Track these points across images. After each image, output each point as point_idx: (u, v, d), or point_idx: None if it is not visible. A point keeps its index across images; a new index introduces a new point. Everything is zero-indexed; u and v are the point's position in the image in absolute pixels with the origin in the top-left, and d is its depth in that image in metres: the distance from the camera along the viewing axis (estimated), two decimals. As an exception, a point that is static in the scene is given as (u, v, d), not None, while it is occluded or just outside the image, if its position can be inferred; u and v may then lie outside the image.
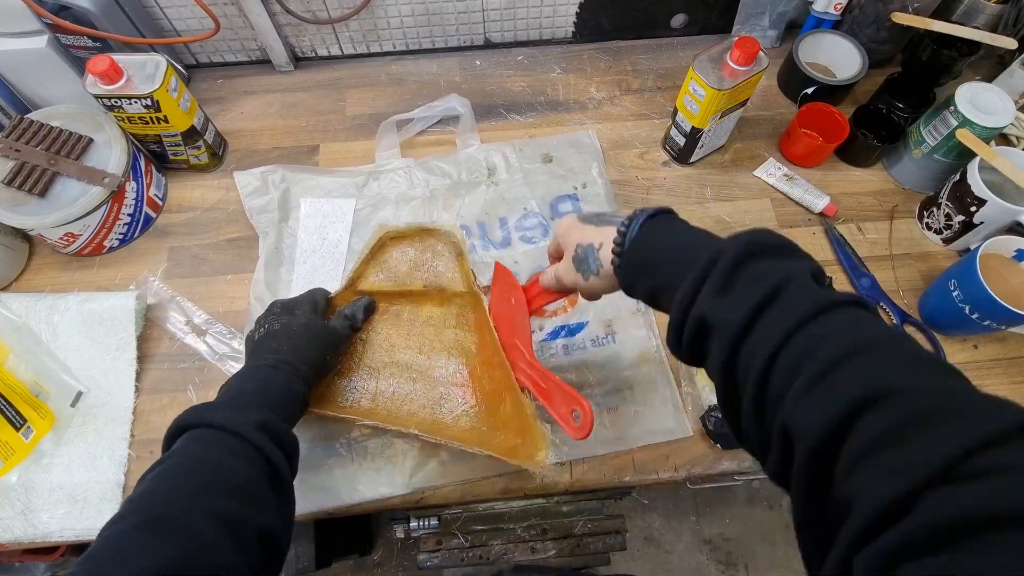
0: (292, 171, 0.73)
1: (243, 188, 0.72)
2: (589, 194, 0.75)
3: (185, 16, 0.78)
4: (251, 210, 0.71)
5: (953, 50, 0.74)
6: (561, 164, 0.77)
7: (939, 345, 0.66)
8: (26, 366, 0.61)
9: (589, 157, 0.78)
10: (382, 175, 0.75)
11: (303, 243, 0.70)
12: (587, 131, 0.80)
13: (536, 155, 0.77)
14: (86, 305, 0.65)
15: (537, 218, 0.73)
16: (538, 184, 0.75)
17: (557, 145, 0.78)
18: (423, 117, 0.77)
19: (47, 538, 0.57)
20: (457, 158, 0.76)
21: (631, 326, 0.66)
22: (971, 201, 0.65)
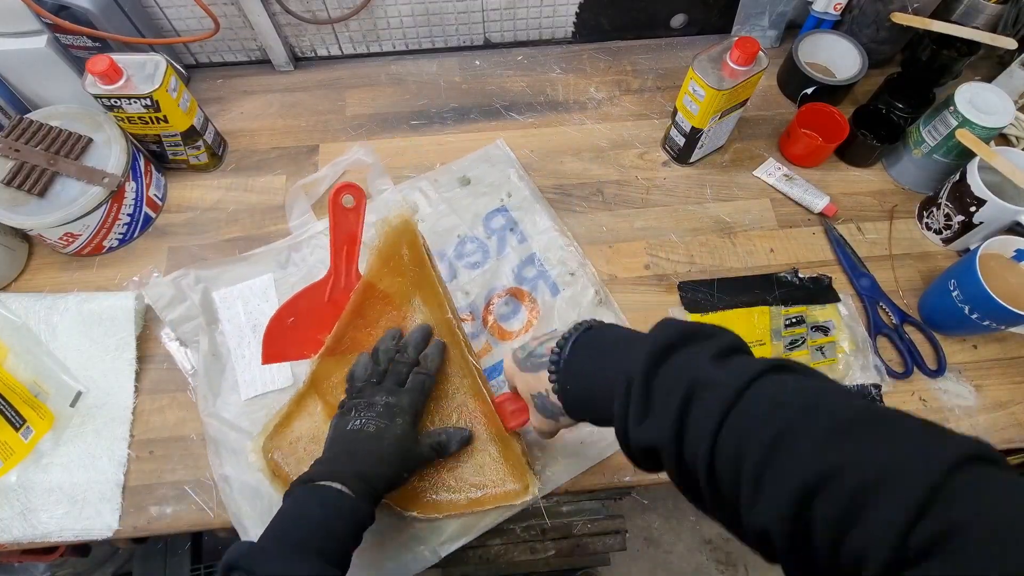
0: (206, 269, 0.67)
1: (156, 302, 0.64)
2: (516, 201, 0.74)
3: (185, 16, 0.78)
4: (171, 324, 0.64)
5: (953, 50, 0.74)
6: (480, 182, 0.75)
7: (938, 345, 0.66)
8: (25, 366, 0.61)
9: (504, 166, 0.76)
10: (303, 244, 0.70)
11: (231, 337, 0.64)
12: (495, 143, 0.78)
13: (453, 182, 0.75)
14: (85, 305, 0.65)
15: (475, 242, 0.71)
16: (464, 208, 0.73)
17: (470, 165, 0.77)
18: (331, 174, 0.73)
19: (46, 538, 0.57)
20: (376, 206, 0.72)
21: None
22: (971, 201, 0.65)
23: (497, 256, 0.70)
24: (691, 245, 0.73)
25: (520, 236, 0.72)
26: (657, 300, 0.69)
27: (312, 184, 0.72)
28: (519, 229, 0.72)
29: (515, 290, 0.68)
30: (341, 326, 0.62)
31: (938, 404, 0.64)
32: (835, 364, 0.65)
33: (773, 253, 0.72)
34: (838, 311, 0.68)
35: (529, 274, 0.69)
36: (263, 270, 0.68)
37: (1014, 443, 0.62)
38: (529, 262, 0.70)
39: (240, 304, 0.66)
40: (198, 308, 0.64)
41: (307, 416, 0.59)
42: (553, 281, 0.69)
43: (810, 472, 0.27)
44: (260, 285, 0.67)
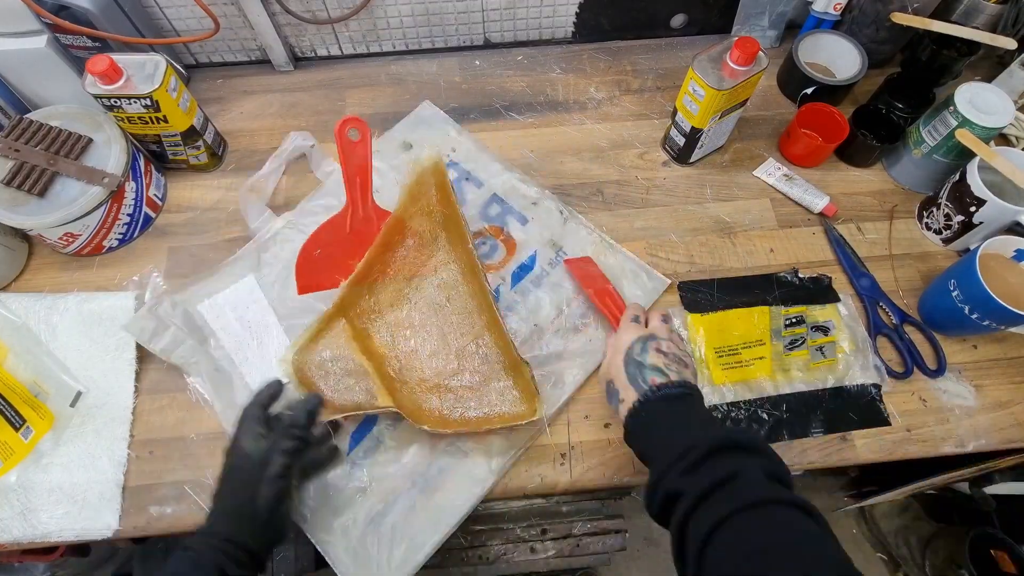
0: (178, 292, 0.65)
1: (140, 337, 0.61)
2: (462, 154, 0.77)
3: (184, 16, 0.78)
4: (163, 354, 0.61)
5: (952, 50, 0.74)
6: (421, 144, 0.77)
7: (938, 345, 0.66)
8: (25, 366, 0.61)
9: (442, 124, 0.79)
10: (270, 243, 0.69)
11: (229, 345, 0.64)
12: (422, 104, 0.81)
13: (396, 149, 0.77)
14: (85, 305, 0.65)
15: None
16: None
17: (406, 130, 0.79)
18: (274, 168, 0.70)
19: (46, 538, 0.57)
20: (329, 187, 0.73)
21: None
22: (970, 201, 0.65)
23: (461, 205, 0.71)
24: (691, 245, 0.73)
25: (476, 182, 0.75)
26: (657, 300, 0.69)
27: (259, 183, 0.70)
28: (474, 176, 0.75)
29: (490, 228, 0.72)
30: (370, 257, 0.64)
31: (938, 404, 0.64)
32: (835, 364, 0.65)
33: (773, 253, 0.72)
34: (838, 311, 0.68)
35: (494, 212, 0.73)
36: (241, 274, 0.67)
37: (1014, 443, 0.62)
38: (492, 202, 0.74)
39: (230, 311, 0.65)
40: (184, 331, 0.62)
41: (333, 336, 0.62)
42: (519, 213, 0.73)
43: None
44: (245, 287, 0.67)
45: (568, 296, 0.68)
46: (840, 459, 0.61)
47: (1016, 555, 0.97)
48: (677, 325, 0.67)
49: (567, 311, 0.67)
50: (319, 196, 0.73)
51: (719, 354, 0.65)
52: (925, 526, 1.19)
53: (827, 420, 0.63)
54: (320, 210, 0.71)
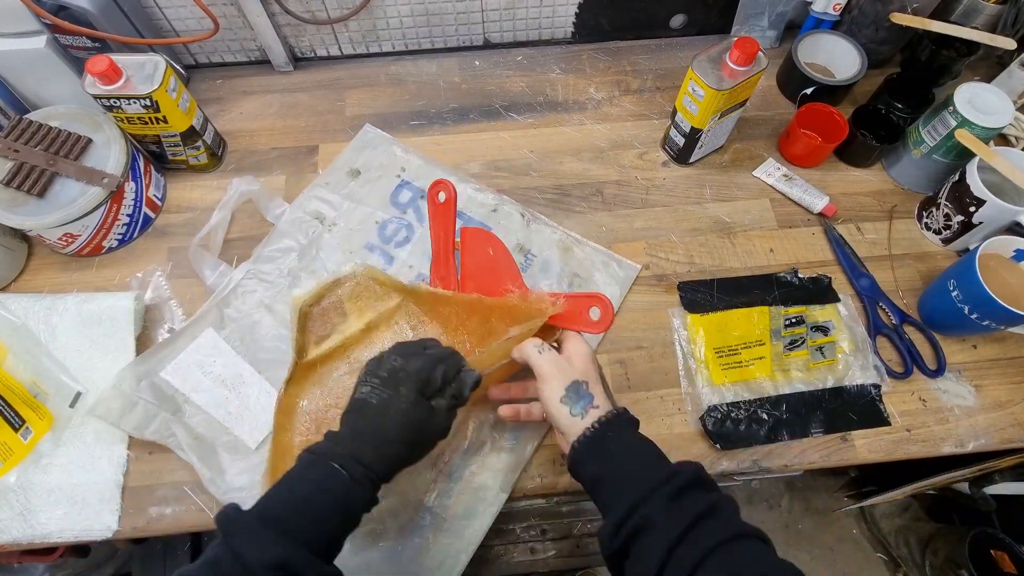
0: (140, 364, 0.61)
1: (107, 417, 0.59)
2: (412, 172, 0.76)
3: (184, 16, 0.78)
4: (137, 431, 0.59)
5: (952, 50, 0.74)
6: (369, 168, 0.76)
7: (938, 345, 0.66)
8: (25, 367, 0.61)
9: (386, 146, 0.78)
10: (231, 298, 0.66)
11: (207, 405, 0.61)
12: (363, 128, 0.79)
13: (344, 178, 0.75)
14: (85, 306, 0.64)
15: (393, 222, 0.72)
16: (367, 196, 0.74)
17: (351, 157, 0.77)
18: (221, 219, 0.69)
19: (46, 539, 0.57)
20: (282, 230, 0.70)
21: None
22: (970, 201, 0.65)
23: (420, 224, 0.72)
24: (691, 245, 0.73)
25: None
26: (657, 300, 0.69)
27: (208, 237, 0.68)
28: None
29: (456, 244, 0.68)
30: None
31: (938, 404, 0.64)
32: (835, 364, 0.65)
33: (773, 253, 0.72)
34: (838, 311, 0.68)
35: (456, 225, 0.70)
36: (200, 334, 0.64)
37: (1014, 443, 0.62)
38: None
39: (196, 369, 0.62)
40: (154, 404, 0.60)
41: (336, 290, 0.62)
42: (480, 222, 0.72)
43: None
44: (207, 342, 0.63)
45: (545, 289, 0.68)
46: (840, 459, 0.61)
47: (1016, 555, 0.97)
48: (677, 325, 0.67)
49: None
50: (274, 240, 0.70)
51: (719, 354, 0.65)
52: (925, 526, 1.19)
53: (827, 420, 0.63)
54: (278, 255, 0.69)
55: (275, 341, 0.65)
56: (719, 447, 0.61)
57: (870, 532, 1.28)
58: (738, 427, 0.62)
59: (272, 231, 0.71)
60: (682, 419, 0.63)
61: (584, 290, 0.68)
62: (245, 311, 0.66)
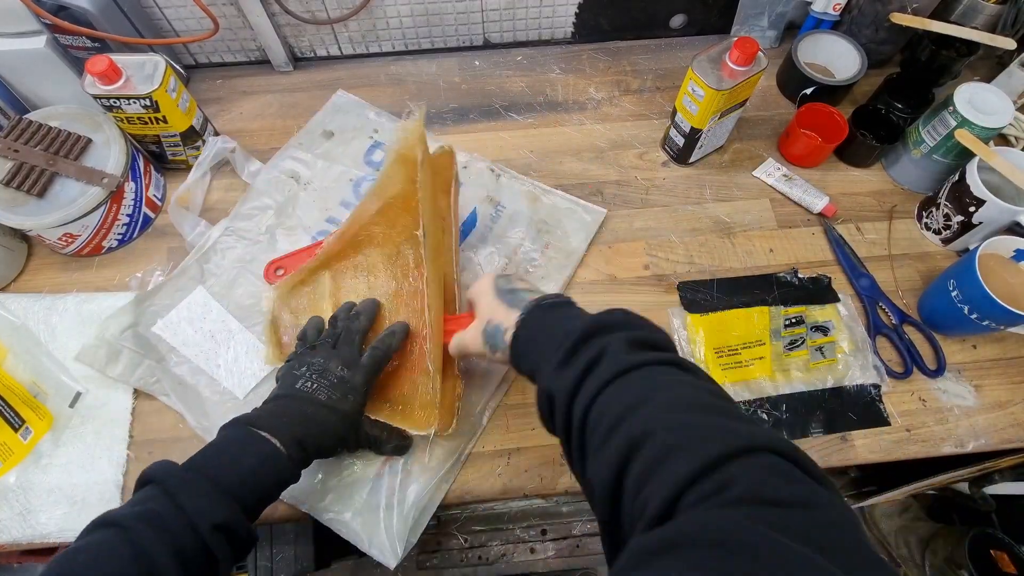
0: (126, 312, 0.63)
1: (95, 364, 0.61)
2: (385, 135, 0.78)
3: (184, 16, 0.78)
4: (121, 378, 0.61)
5: (952, 50, 0.74)
6: (343, 131, 0.78)
7: (938, 345, 0.66)
8: (24, 367, 0.61)
9: (360, 110, 0.80)
10: (211, 254, 0.68)
11: (196, 358, 0.63)
12: (337, 93, 0.81)
13: (318, 139, 0.77)
14: (85, 306, 0.65)
15: (367, 179, 0.74)
16: (341, 155, 0.76)
17: (325, 119, 0.79)
18: (199, 177, 0.71)
19: (45, 539, 0.57)
20: (259, 189, 0.72)
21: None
22: (970, 201, 0.65)
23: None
24: (690, 245, 0.73)
25: None
26: (656, 300, 0.69)
27: (186, 195, 0.69)
28: None
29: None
30: (361, 219, 0.63)
31: (938, 404, 0.64)
32: (835, 364, 0.65)
33: (772, 253, 0.72)
34: (837, 311, 0.68)
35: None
36: (188, 288, 0.66)
37: (1013, 443, 0.62)
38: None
39: (187, 326, 0.64)
40: (139, 352, 0.62)
41: (313, 286, 0.64)
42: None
43: (637, 431, 0.33)
44: (197, 300, 0.65)
45: (514, 245, 0.71)
46: (840, 459, 0.61)
47: (1016, 555, 0.97)
48: (677, 325, 0.67)
49: (516, 258, 0.70)
50: (251, 199, 0.72)
51: (719, 354, 0.65)
52: (925, 526, 1.19)
53: (827, 420, 0.63)
54: (255, 212, 0.71)
55: (253, 299, 0.66)
56: (719, 447, 0.61)
57: (870, 532, 1.28)
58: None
59: (248, 190, 0.72)
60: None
61: (547, 238, 0.72)
62: (225, 267, 0.68)
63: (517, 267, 0.70)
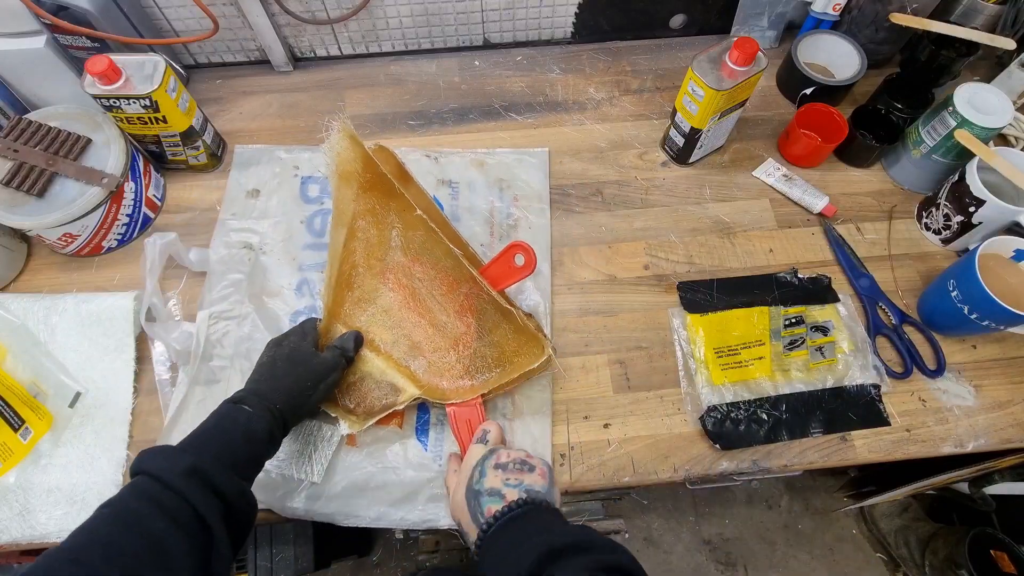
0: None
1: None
2: (307, 167, 0.75)
3: (184, 16, 0.78)
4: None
5: (951, 51, 0.74)
6: (265, 185, 0.74)
7: (938, 345, 0.66)
8: (24, 367, 0.61)
9: (266, 156, 0.76)
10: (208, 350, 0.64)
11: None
12: (235, 150, 0.77)
13: (245, 203, 0.73)
14: (84, 306, 0.64)
15: (318, 216, 0.72)
16: (277, 207, 0.73)
17: (239, 181, 0.75)
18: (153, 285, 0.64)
19: (45, 539, 0.57)
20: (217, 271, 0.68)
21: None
22: (970, 201, 0.65)
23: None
24: (690, 245, 0.73)
25: None
26: (656, 300, 0.69)
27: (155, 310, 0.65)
28: None
29: None
30: (336, 254, 0.63)
31: (937, 404, 0.64)
32: (834, 364, 0.65)
33: (772, 253, 0.72)
34: (837, 311, 0.68)
35: None
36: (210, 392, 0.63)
37: (1013, 443, 0.62)
38: None
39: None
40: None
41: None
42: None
43: None
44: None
45: (485, 210, 0.73)
46: (840, 459, 0.61)
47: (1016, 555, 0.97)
48: (676, 325, 0.67)
49: (494, 220, 0.73)
50: (215, 282, 0.67)
51: (718, 354, 0.65)
52: (925, 526, 1.19)
53: (827, 420, 0.63)
54: (228, 291, 0.66)
55: None
56: (719, 447, 0.61)
57: (870, 532, 1.28)
58: (738, 427, 0.62)
59: (208, 276, 0.67)
60: (682, 419, 0.63)
61: (512, 191, 0.75)
62: (229, 352, 0.64)
63: (499, 228, 0.72)
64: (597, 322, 0.68)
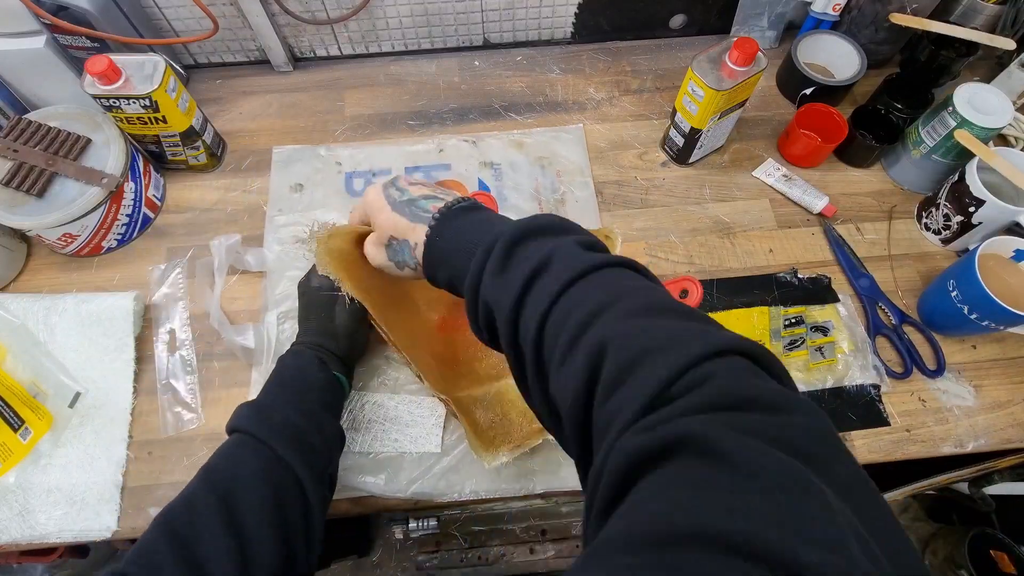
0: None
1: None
2: (349, 163, 0.77)
3: (184, 16, 0.78)
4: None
5: (951, 51, 0.74)
6: (309, 179, 0.75)
7: (938, 345, 0.66)
8: (24, 367, 0.61)
9: (306, 155, 0.77)
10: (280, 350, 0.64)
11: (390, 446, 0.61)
12: (273, 151, 0.78)
13: (290, 197, 0.74)
14: (84, 306, 0.64)
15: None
16: (324, 199, 0.74)
17: (282, 177, 0.76)
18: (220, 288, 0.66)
19: (45, 539, 0.57)
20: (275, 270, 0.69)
21: None
22: (969, 201, 0.65)
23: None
24: (690, 245, 0.73)
25: (384, 173, 0.77)
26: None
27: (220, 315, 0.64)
28: (378, 171, 0.77)
29: (442, 184, 0.74)
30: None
31: (937, 404, 0.64)
32: (834, 364, 0.65)
33: (772, 253, 0.72)
34: (837, 311, 0.68)
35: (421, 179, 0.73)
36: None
37: (1013, 443, 0.62)
38: (409, 172, 0.77)
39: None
40: None
41: None
42: (438, 164, 0.77)
43: (605, 336, 0.30)
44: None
45: (530, 188, 0.75)
46: (839, 459, 0.61)
47: (1016, 555, 0.97)
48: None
49: (541, 197, 0.75)
50: (274, 283, 0.68)
51: (718, 354, 0.65)
52: (924, 526, 1.19)
53: (826, 420, 0.62)
54: (291, 289, 0.66)
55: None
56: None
57: (870, 532, 1.28)
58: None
59: (267, 276, 0.68)
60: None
61: (555, 167, 0.77)
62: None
63: (546, 202, 0.74)
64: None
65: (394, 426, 0.61)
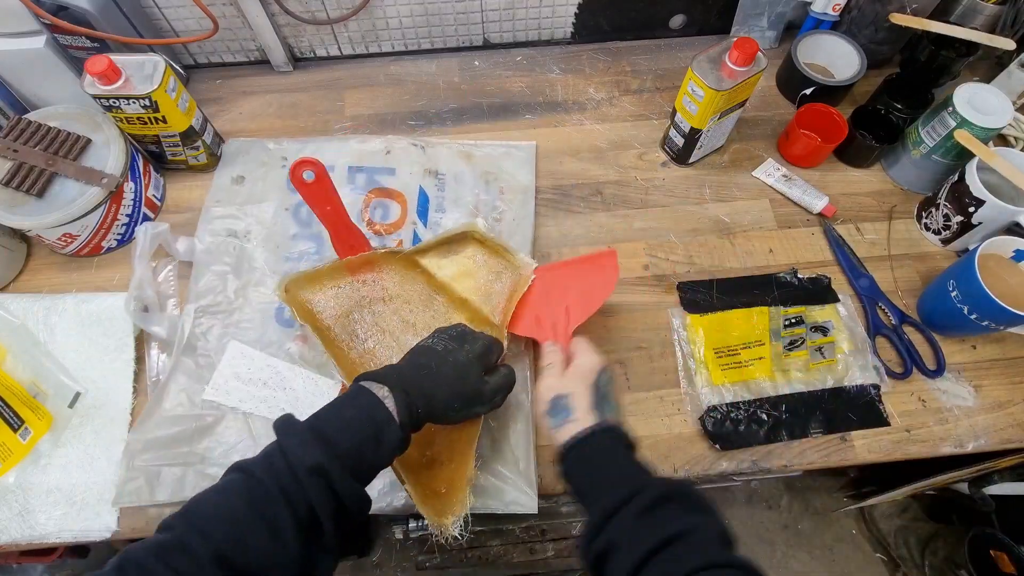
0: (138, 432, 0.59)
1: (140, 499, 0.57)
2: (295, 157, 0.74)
3: (183, 16, 0.78)
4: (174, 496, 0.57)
5: (951, 51, 0.74)
6: (251, 173, 0.75)
7: (938, 345, 0.66)
8: (24, 367, 0.61)
9: (255, 147, 0.77)
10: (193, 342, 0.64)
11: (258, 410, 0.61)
12: (227, 143, 0.77)
13: (230, 188, 0.74)
14: (84, 306, 0.64)
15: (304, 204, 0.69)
16: (264, 193, 0.73)
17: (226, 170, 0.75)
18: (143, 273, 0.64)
19: (44, 539, 0.57)
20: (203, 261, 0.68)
21: None
22: (969, 202, 0.65)
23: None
24: (690, 246, 0.73)
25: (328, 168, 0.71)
26: (656, 300, 0.69)
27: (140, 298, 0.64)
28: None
29: (372, 193, 0.73)
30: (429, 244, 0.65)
31: (937, 404, 0.64)
32: (834, 364, 0.65)
33: (772, 253, 0.72)
34: (837, 311, 0.68)
35: (362, 181, 0.73)
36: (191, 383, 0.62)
37: (1012, 443, 0.62)
38: (353, 174, 0.74)
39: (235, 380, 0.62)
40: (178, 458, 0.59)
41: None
42: (382, 168, 0.74)
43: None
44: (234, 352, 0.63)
45: (471, 202, 0.73)
46: (840, 459, 0.61)
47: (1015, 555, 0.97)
48: (676, 326, 0.67)
49: (480, 212, 0.73)
50: (201, 273, 0.67)
51: (718, 354, 0.65)
52: (924, 526, 1.19)
53: (826, 420, 0.63)
54: (215, 283, 0.66)
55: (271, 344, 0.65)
56: (718, 447, 0.61)
57: (869, 532, 1.28)
58: (737, 427, 0.62)
59: (194, 267, 0.67)
60: (682, 419, 0.63)
61: (498, 184, 0.75)
62: (213, 345, 0.64)
63: (488, 215, 0.72)
64: (597, 322, 0.67)
65: None
